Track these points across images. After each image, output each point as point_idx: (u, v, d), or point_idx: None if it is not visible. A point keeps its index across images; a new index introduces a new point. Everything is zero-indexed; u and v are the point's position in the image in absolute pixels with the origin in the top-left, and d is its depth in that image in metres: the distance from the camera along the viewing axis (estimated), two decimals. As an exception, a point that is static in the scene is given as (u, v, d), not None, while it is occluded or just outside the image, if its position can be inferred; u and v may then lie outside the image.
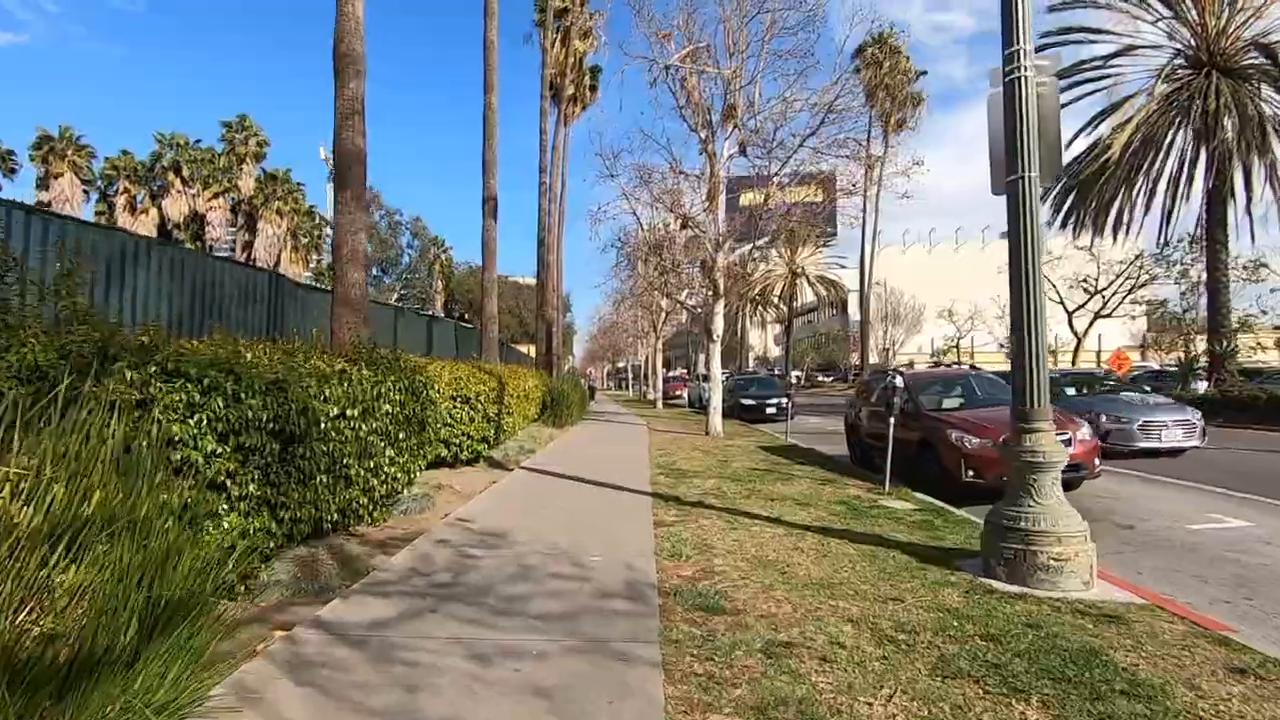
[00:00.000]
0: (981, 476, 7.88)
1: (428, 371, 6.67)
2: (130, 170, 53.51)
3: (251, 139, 56.69)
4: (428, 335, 14.86)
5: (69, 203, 48.83)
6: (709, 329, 16.26)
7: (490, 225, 13.08)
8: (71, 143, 52.41)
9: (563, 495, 7.71)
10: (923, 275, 55.36)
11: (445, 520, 6.27)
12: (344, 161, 6.83)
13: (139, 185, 54.23)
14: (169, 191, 53.06)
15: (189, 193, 53.73)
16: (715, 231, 15.79)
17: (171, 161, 54.04)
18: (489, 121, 13.09)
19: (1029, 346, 4.74)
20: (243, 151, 55.60)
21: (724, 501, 7.45)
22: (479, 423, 9.68)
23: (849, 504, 7.40)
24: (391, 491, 6.11)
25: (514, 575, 4.52)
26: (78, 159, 52.56)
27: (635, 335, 44.65)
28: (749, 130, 16.07)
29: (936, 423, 8.72)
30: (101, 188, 54.80)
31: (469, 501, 7.23)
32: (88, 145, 54.28)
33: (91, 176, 54.11)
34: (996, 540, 4.72)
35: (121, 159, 55.33)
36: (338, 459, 4.79)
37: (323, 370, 4.69)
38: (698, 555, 5.15)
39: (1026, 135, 4.85)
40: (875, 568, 4.88)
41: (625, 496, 7.64)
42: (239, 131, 56.50)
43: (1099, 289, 23.28)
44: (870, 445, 10.80)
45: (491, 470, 9.77)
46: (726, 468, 10.19)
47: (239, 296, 8.12)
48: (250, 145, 56.11)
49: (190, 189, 53.94)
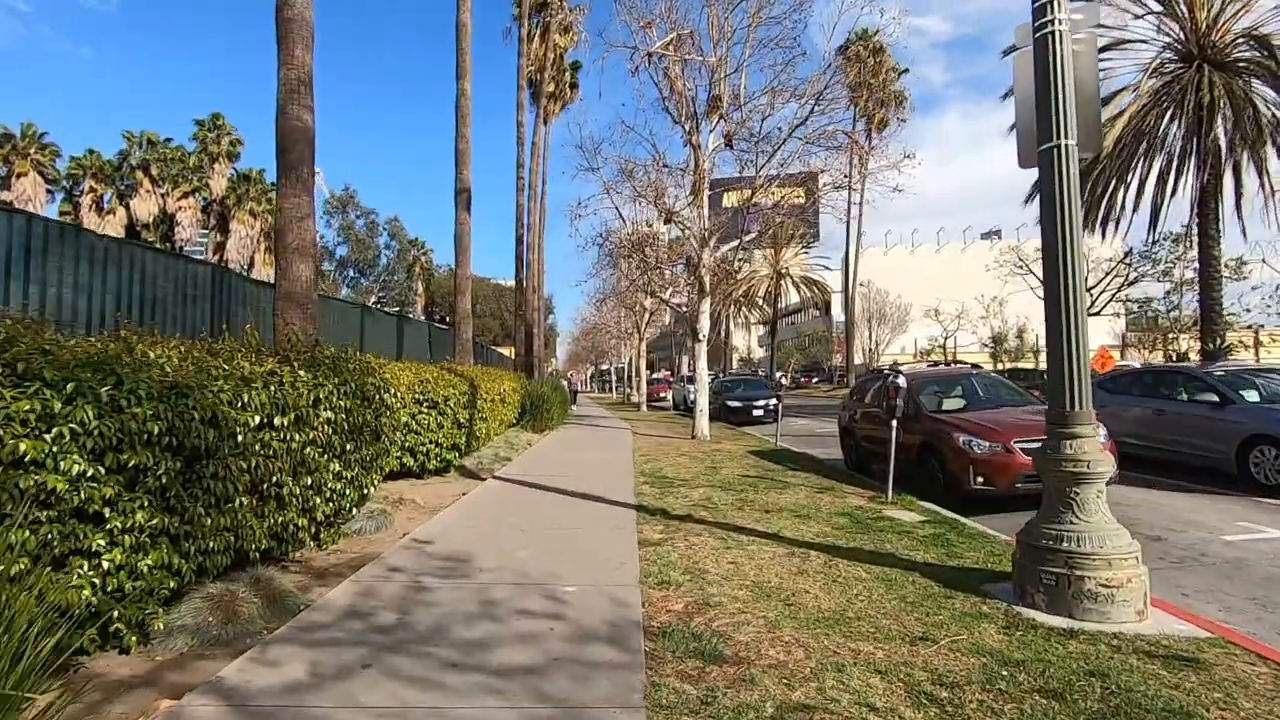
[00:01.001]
0: (992, 484, 7.29)
1: (384, 373, 5.93)
2: (97, 169, 51.88)
3: (225, 138, 55.28)
4: (398, 336, 14.06)
5: (31, 202, 47.12)
6: (694, 329, 15.62)
7: (464, 218, 12.33)
8: (34, 140, 50.72)
9: (537, 509, 6.99)
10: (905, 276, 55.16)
11: (402, 541, 5.54)
12: (288, 140, 6.08)
13: (106, 185, 52.61)
14: (137, 191, 51.52)
15: (158, 192, 52.22)
16: (700, 227, 15.16)
17: (140, 160, 52.50)
18: (461, 109, 12.34)
19: (1068, 338, 4.13)
20: (215, 150, 54.16)
21: (715, 514, 6.78)
22: (448, 429, 8.94)
23: (851, 515, 6.76)
24: (340, 510, 5.36)
25: (473, 614, 3.80)
26: (41, 158, 50.83)
27: (618, 336, 43.92)
28: (734, 122, 15.49)
29: (940, 425, 8.12)
30: (67, 188, 53.09)
31: (433, 518, 6.49)
32: (52, 144, 52.58)
33: (56, 176, 52.40)
34: (1033, 563, 4.09)
35: (88, 158, 53.65)
36: (265, 477, 4.05)
37: (246, 372, 3.95)
38: (689, 582, 4.47)
39: (1061, 98, 4.23)
40: (894, 595, 4.23)
41: (606, 510, 6.94)
42: (212, 130, 55.04)
43: (1088, 287, 22.98)
44: (867, 449, 10.20)
45: (462, 480, 9.02)
46: (716, 475, 9.53)
47: (177, 293, 7.32)
48: (223, 144, 54.67)
49: (160, 188, 52.44)
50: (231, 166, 54.55)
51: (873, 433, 9.95)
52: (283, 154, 6.10)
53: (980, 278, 52.77)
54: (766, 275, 49.86)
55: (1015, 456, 7.24)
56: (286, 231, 6.02)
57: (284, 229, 6.04)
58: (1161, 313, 33.39)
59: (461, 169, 12.34)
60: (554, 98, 36.06)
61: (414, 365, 8.92)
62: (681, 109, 15.32)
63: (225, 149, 54.69)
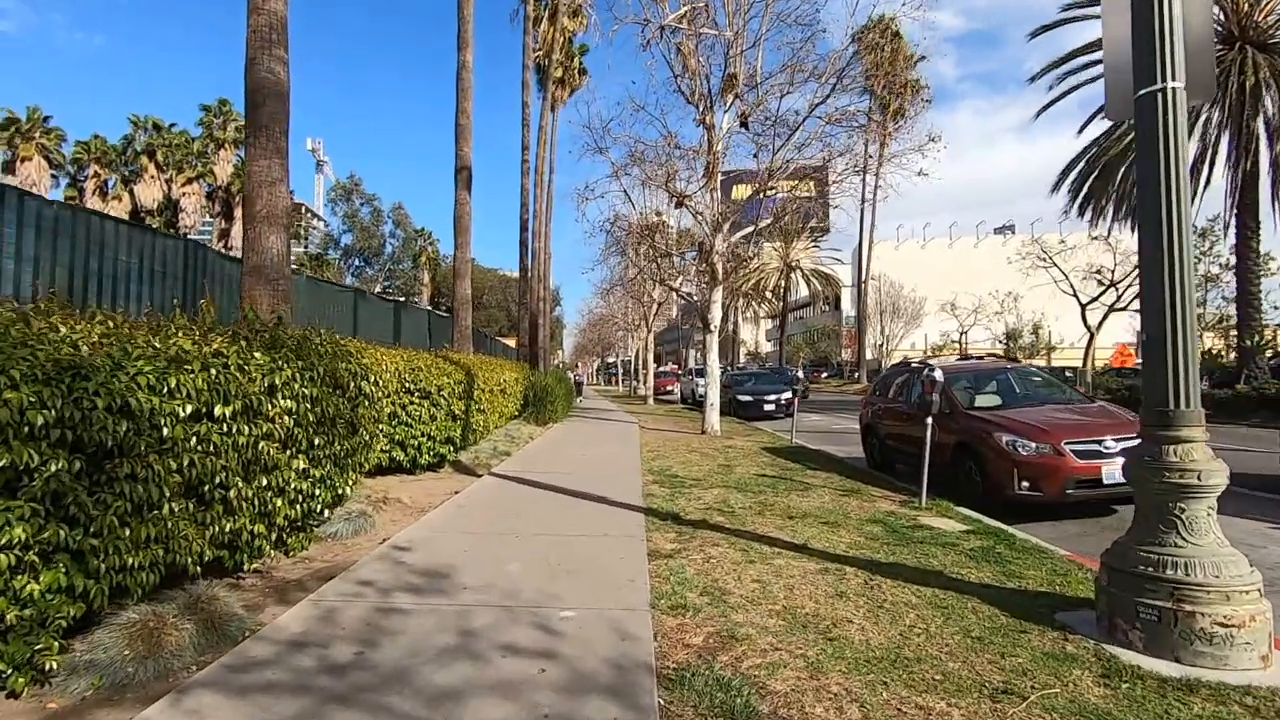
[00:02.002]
0: (1039, 489, 6.58)
1: (362, 358, 5.25)
2: (101, 154, 51.47)
3: (231, 124, 54.67)
4: (395, 323, 13.41)
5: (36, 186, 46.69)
6: (706, 319, 14.91)
7: (464, 198, 11.64)
8: (39, 125, 50.30)
9: (535, 511, 6.32)
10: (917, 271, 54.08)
11: (380, 549, 4.87)
12: (258, 95, 5.40)
13: (111, 170, 52.23)
14: (142, 177, 51.07)
15: (163, 178, 51.76)
16: (714, 211, 14.43)
17: (145, 145, 52.05)
18: (463, 82, 11.63)
19: (1174, 320, 3.40)
20: (221, 137, 53.60)
21: (733, 520, 6.09)
22: (442, 421, 8.28)
23: (885, 523, 6.06)
24: (309, 513, 4.70)
25: (448, 649, 3.13)
26: (46, 142, 50.39)
27: (625, 328, 43.24)
28: (750, 103, 14.72)
29: (979, 424, 7.39)
30: (72, 172, 52.73)
31: (418, 520, 5.83)
32: (57, 128, 52.20)
33: (61, 161, 51.99)
34: (1126, 592, 3.39)
35: (92, 142, 53.20)
36: (204, 477, 3.38)
37: (177, 353, 3.28)
38: (709, 607, 3.79)
39: (1167, 33, 3.49)
40: (955, 627, 3.54)
41: (612, 513, 6.26)
42: (218, 116, 54.47)
43: (1114, 281, 22.08)
44: (892, 448, 9.49)
45: (456, 477, 8.36)
46: (730, 474, 8.84)
47: (144, 269, 6.66)
48: (229, 131, 54.05)
49: (165, 174, 51.98)
50: (237, 153, 53.99)
51: (899, 430, 9.23)
52: (252, 110, 5.41)
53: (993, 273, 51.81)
54: (776, 268, 49.04)
55: (1066, 460, 6.53)
56: (255, 198, 5.34)
57: (253, 195, 5.36)
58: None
59: (461, 145, 11.64)
60: (562, 84, 35.23)
61: (405, 352, 8.25)
62: (695, 88, 14.57)
63: (231, 135, 54.09)
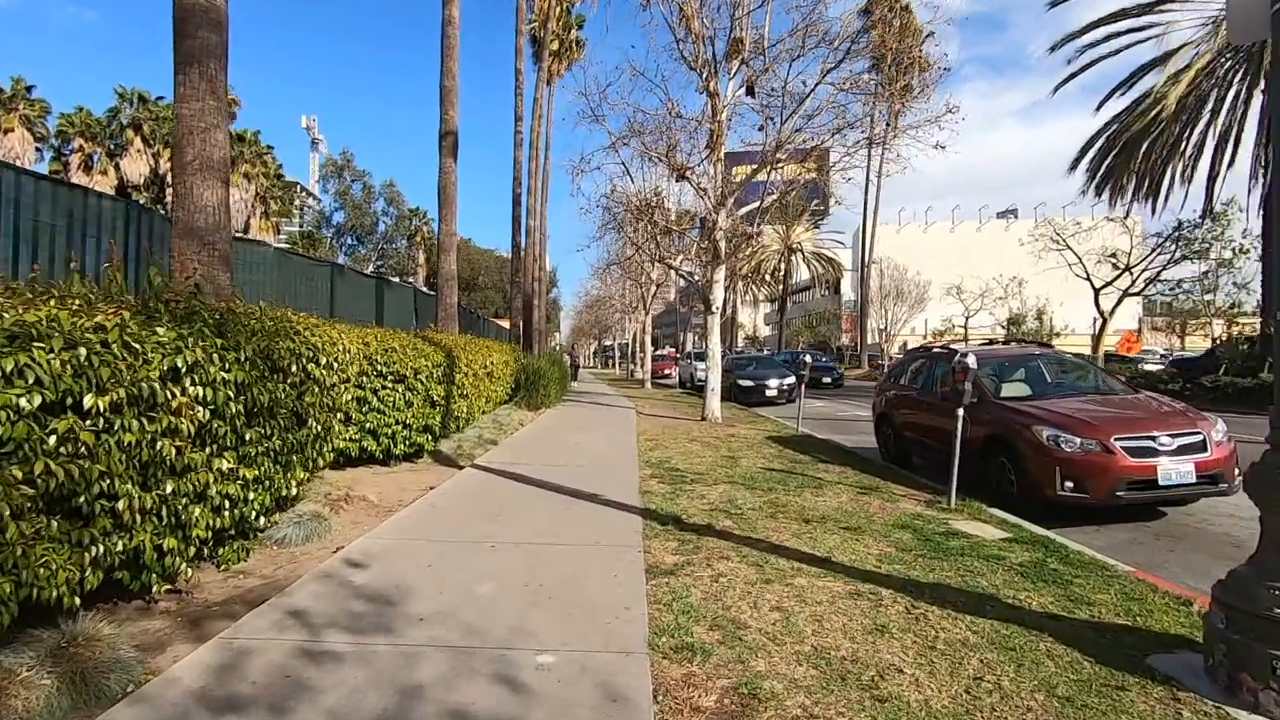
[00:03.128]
0: (1083, 490, 5.84)
1: (312, 336, 4.45)
2: (86, 127, 50.05)
3: (220, 97, 53.18)
4: (377, 301, 12.58)
5: (20, 159, 45.41)
6: (707, 299, 14.11)
7: (449, 166, 10.77)
8: (23, 96, 48.77)
9: (516, 513, 5.57)
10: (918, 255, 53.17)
11: (327, 564, 4.13)
12: (189, 22, 4.55)
13: (96, 143, 50.85)
14: (128, 150, 49.71)
15: (150, 152, 50.41)
16: (718, 184, 13.58)
17: (131, 118, 50.57)
18: (448, 39, 10.71)
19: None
20: (210, 110, 52.09)
21: (742, 524, 5.36)
22: (419, 408, 7.51)
23: (914, 529, 5.34)
24: (243, 520, 3.94)
25: (380, 716, 2.39)
26: (30, 113, 48.90)
27: (622, 310, 42.39)
28: (757, 69, 13.81)
29: (1014, 416, 6.64)
30: (56, 146, 51.33)
31: (381, 524, 5.08)
32: (41, 99, 50.59)
33: (46, 133, 50.56)
34: (1254, 640, 2.66)
35: (77, 115, 51.67)
36: (76, 487, 2.62)
37: (31, 325, 2.49)
38: (722, 648, 3.05)
39: (1323, -79, 2.69)
40: (1034, 681, 2.80)
41: (604, 515, 5.53)
42: (206, 89, 52.83)
43: (1129, 264, 21.25)
44: (910, 440, 8.75)
45: (434, 469, 7.61)
46: (735, 467, 8.10)
47: (72, 232, 5.84)
48: (218, 104, 52.58)
49: (152, 148, 50.64)
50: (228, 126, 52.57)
51: (919, 421, 8.51)
52: (181, 41, 4.56)
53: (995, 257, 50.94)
54: (776, 250, 48.10)
55: (1117, 458, 5.79)
56: (185, 145, 4.53)
57: (182, 142, 4.54)
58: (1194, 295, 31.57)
59: (447, 109, 10.74)
60: (558, 56, 34.06)
61: (377, 331, 7.47)
62: (698, 53, 13.64)
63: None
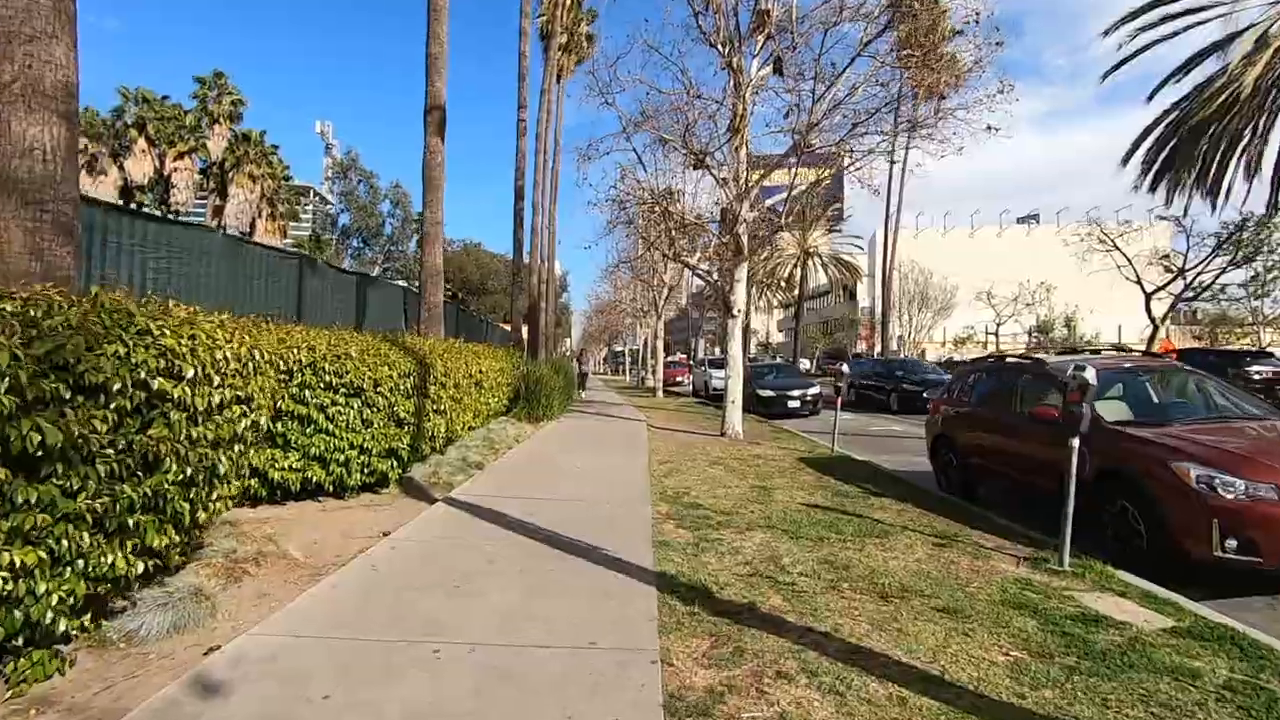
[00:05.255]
0: (1256, 553, 4.31)
1: (163, 336, 2.97)
2: (89, 126, 49.33)
3: (226, 97, 52.64)
4: (359, 301, 11.19)
5: (22, 160, 44.73)
6: (727, 300, 12.63)
7: (435, 145, 9.37)
8: (26, 95, 48.17)
9: (483, 582, 4.10)
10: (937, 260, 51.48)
11: (174, 687, 2.68)
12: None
13: (100, 144, 50.17)
14: (131, 150, 49.00)
15: (154, 153, 49.69)
16: (741, 172, 12.11)
17: (135, 118, 49.92)
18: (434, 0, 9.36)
19: None
20: (216, 110, 51.49)
21: (797, 601, 3.86)
22: (382, 427, 6.08)
23: (1032, 609, 3.84)
24: (35, 624, 2.50)
25: None
26: (33, 113, 48.28)
27: (634, 315, 40.92)
28: (785, 46, 12.37)
29: (1142, 447, 5.11)
30: (61, 146, 50.67)
31: (293, 601, 3.63)
32: (45, 99, 50.12)
33: (50, 134, 49.93)
34: None
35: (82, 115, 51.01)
36: None
37: None
38: None
39: None
40: None
41: (604, 586, 4.04)
42: (213, 89, 52.40)
43: (1183, 267, 19.53)
44: (979, 469, 7.23)
45: (399, 503, 6.16)
46: (769, 502, 6.60)
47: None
48: (225, 104, 51.99)
49: (156, 149, 49.92)
50: (232, 128, 51.90)
51: (991, 445, 6.99)
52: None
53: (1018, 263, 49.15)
54: (792, 255, 46.54)
55: (1304, 509, 4.27)
56: (1, 59, 3.14)
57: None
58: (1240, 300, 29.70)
59: (433, 79, 9.34)
60: (566, 50, 32.79)
61: (324, 332, 6.05)
62: (718, 25, 12.23)
63: (227, 109, 52.08)
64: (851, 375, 20.34)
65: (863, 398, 20.78)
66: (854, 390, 20.62)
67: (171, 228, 6.97)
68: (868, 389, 20.88)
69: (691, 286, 49.52)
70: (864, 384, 21.16)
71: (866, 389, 20.93)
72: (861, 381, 21.22)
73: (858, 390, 20.91)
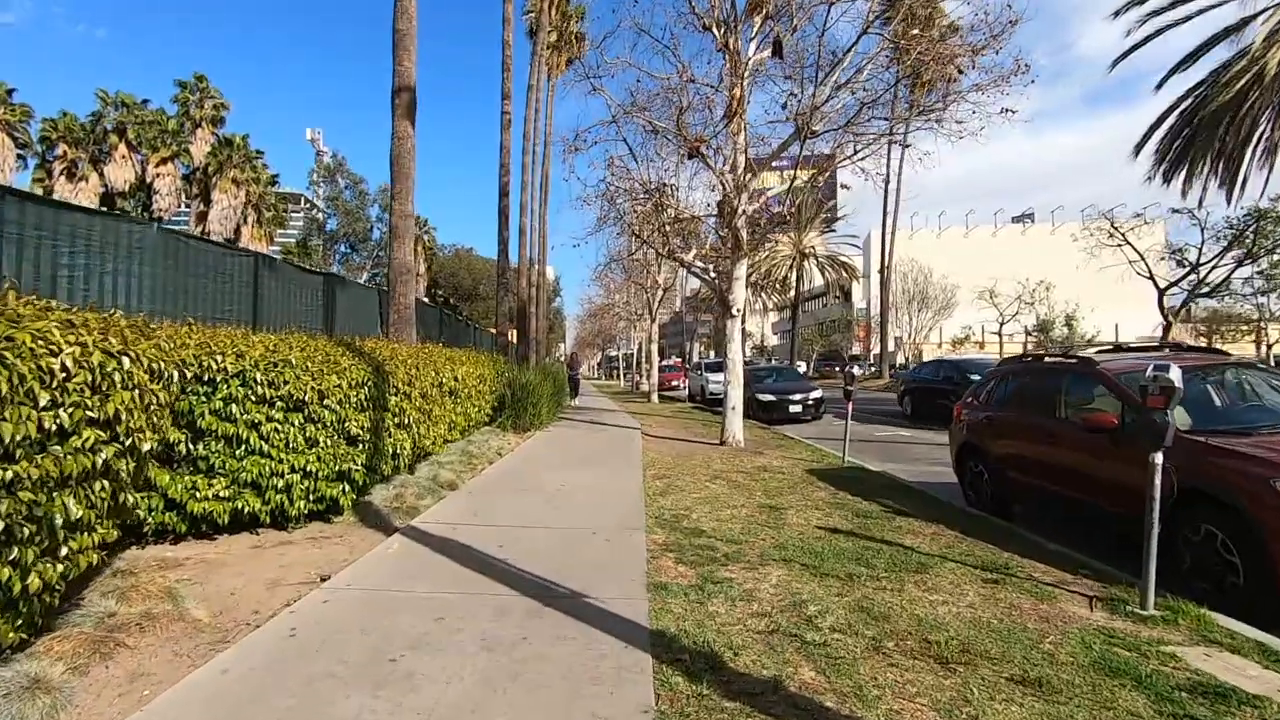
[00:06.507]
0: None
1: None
2: (69, 132, 48.30)
3: (208, 101, 51.72)
4: (326, 302, 10.28)
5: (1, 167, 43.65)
6: (726, 299, 11.78)
7: (404, 130, 8.49)
8: (3, 99, 47.15)
9: (429, 658, 3.21)
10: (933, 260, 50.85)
11: None
12: None
13: (79, 149, 49.06)
14: (112, 156, 47.92)
15: (135, 158, 48.61)
16: (740, 163, 11.28)
17: (115, 123, 48.86)
18: (402, -29, 8.49)
19: None
20: (198, 115, 50.55)
21: (835, 676, 2.99)
22: (330, 446, 5.20)
23: (1132, 676, 2.99)
24: None
25: None
26: (10, 117, 47.23)
27: (627, 319, 40.04)
28: (785, 28, 11.55)
29: (1239, 462, 4.26)
30: (40, 152, 49.57)
31: (169, 690, 2.74)
32: (23, 104, 49.14)
33: (28, 140, 48.83)
34: None
35: (61, 120, 50.01)
36: None
37: None
38: None
39: None
40: None
41: (585, 659, 3.16)
42: (194, 93, 51.47)
43: (1198, 262, 18.81)
44: (1019, 483, 6.37)
45: (351, 534, 5.26)
46: (782, 525, 5.73)
47: None
48: (207, 108, 51.05)
49: (137, 154, 48.83)
50: (214, 133, 50.87)
51: (1032, 456, 6.14)
52: None
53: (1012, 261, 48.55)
54: (787, 256, 45.79)
55: None
56: None
57: None
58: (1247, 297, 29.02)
59: (401, 58, 8.47)
60: (556, 49, 31.96)
61: (265, 337, 5.17)
62: (713, 5, 11.42)
63: (209, 113, 51.12)
64: (907, 381, 17.53)
65: (927, 409, 15.86)
66: (910, 401, 17.17)
67: (93, 219, 6.06)
68: (930, 396, 15.96)
69: (686, 289, 48.80)
70: (926, 389, 16.49)
71: (928, 396, 16.07)
72: (923, 387, 16.74)
73: (915, 400, 16.88)
